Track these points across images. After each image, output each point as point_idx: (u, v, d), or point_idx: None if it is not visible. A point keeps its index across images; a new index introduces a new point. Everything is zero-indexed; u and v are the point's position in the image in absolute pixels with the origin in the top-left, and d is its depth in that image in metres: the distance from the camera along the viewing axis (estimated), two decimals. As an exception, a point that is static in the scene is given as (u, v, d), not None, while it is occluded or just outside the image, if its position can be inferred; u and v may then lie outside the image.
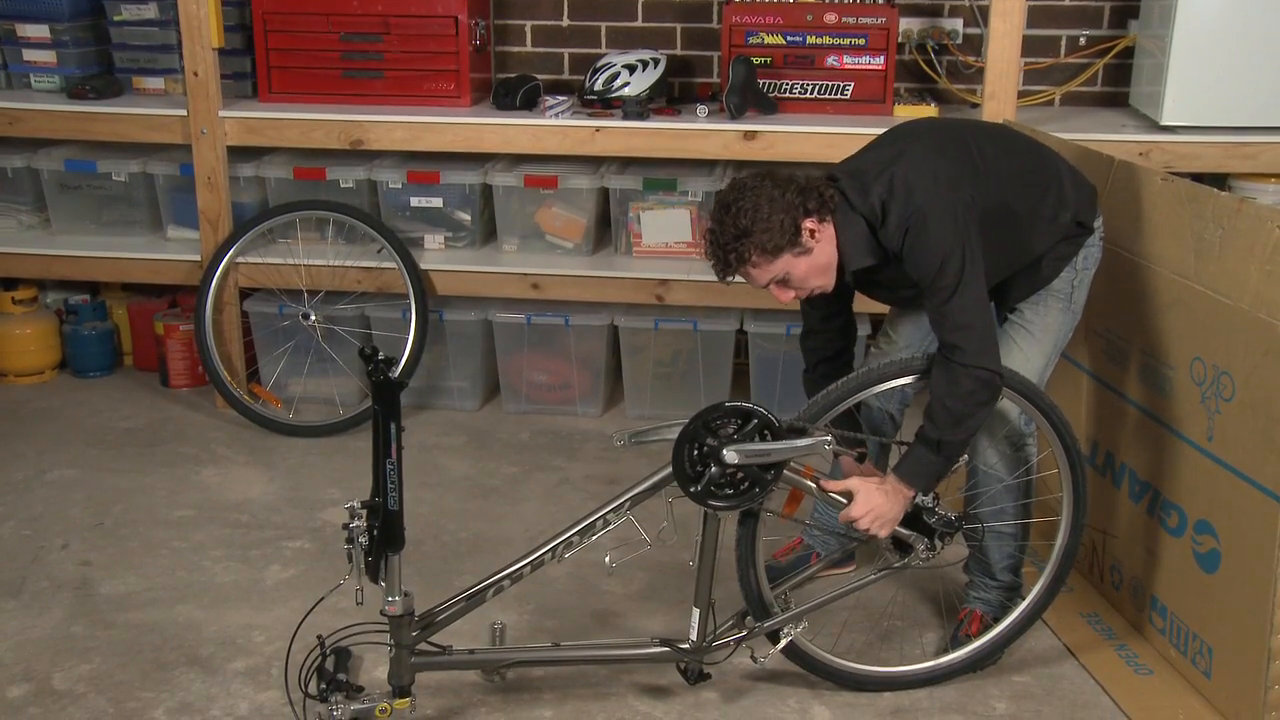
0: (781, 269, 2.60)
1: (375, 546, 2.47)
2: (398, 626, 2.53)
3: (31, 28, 4.44)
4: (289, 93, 4.28)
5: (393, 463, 2.43)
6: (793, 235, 2.55)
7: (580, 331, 4.27)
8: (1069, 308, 2.83)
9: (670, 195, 4.20)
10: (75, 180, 4.48)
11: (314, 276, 4.24)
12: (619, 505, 2.63)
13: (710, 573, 2.67)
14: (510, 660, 2.70)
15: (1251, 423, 2.59)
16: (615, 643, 2.84)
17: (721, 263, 2.60)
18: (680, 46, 4.55)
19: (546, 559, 2.62)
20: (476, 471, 3.93)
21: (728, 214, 2.57)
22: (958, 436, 2.59)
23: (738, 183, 2.61)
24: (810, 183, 2.60)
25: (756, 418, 2.56)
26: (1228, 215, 2.68)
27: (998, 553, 2.93)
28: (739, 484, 2.58)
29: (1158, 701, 2.78)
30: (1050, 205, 2.73)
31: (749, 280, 2.64)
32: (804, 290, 2.67)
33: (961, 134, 2.75)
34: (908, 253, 2.56)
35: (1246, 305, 2.60)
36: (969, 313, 2.54)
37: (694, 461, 2.56)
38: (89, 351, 4.65)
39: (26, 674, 2.85)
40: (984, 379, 2.54)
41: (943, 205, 2.53)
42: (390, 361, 2.41)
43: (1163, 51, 3.83)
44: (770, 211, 2.53)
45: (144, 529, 3.53)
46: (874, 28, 4.10)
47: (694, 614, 2.68)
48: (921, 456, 2.62)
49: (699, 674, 2.73)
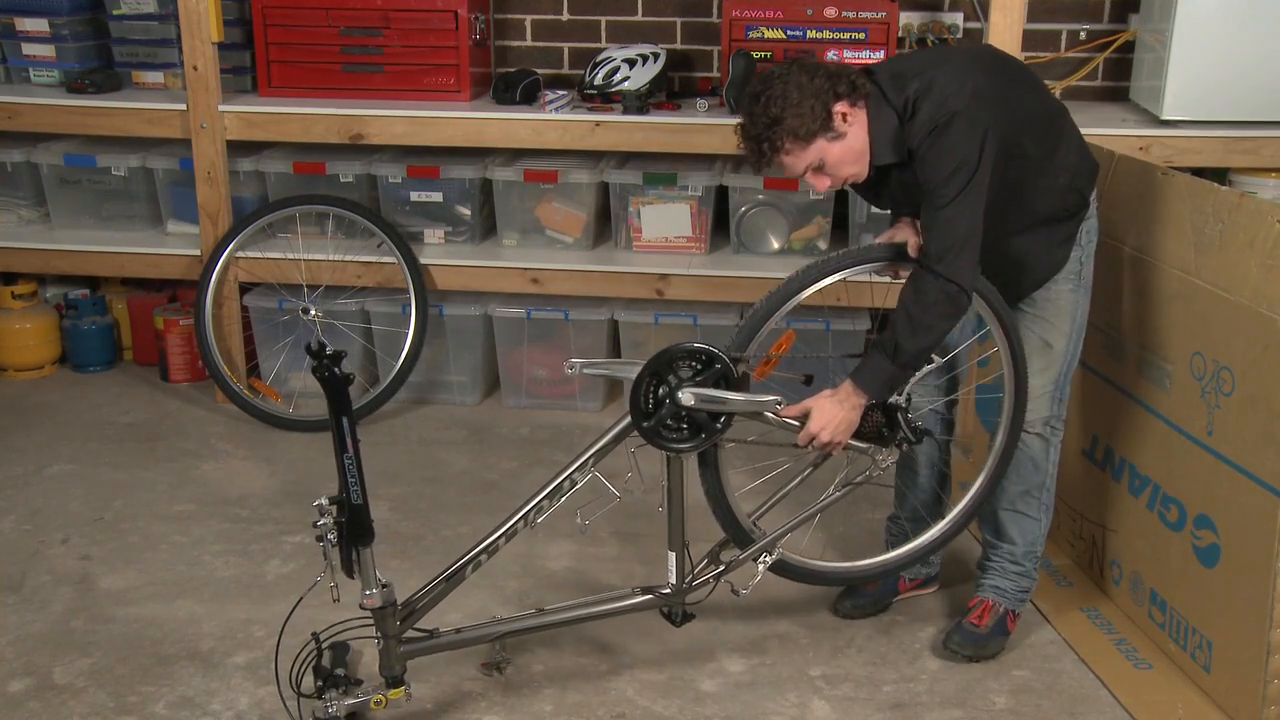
0: (816, 155, 2.59)
1: (344, 541, 2.47)
2: (380, 618, 2.53)
3: (31, 22, 4.43)
4: (289, 87, 4.27)
5: (350, 457, 2.42)
6: (825, 119, 2.55)
7: (580, 326, 4.27)
8: (1080, 285, 2.82)
9: (670, 190, 4.19)
10: (75, 175, 4.49)
11: (314, 271, 4.24)
12: (583, 463, 2.64)
13: (681, 514, 2.70)
14: (497, 632, 2.70)
15: (1251, 417, 2.59)
16: (598, 598, 2.81)
17: (756, 153, 2.60)
18: (680, 41, 4.55)
19: (520, 527, 2.63)
20: (476, 466, 3.93)
21: (758, 103, 2.55)
22: (914, 345, 2.59)
23: (766, 73, 2.59)
24: (840, 69, 2.60)
25: (719, 364, 2.59)
26: (1228, 210, 2.68)
27: (1023, 536, 2.94)
28: (689, 426, 2.61)
29: (1157, 696, 2.78)
30: (1058, 162, 2.71)
31: (785, 170, 2.63)
32: (838, 178, 2.65)
33: (1003, 62, 2.75)
34: (925, 151, 2.55)
35: (1246, 300, 2.60)
36: (958, 224, 2.54)
37: (650, 399, 2.59)
38: (89, 346, 4.66)
39: (27, 668, 2.85)
40: (950, 292, 2.55)
41: (972, 116, 2.52)
42: (338, 357, 2.40)
43: (1163, 46, 3.83)
44: (800, 97, 2.52)
45: (144, 524, 3.53)
46: (874, 22, 4.10)
47: (670, 557, 2.72)
48: (877, 363, 2.63)
49: (684, 615, 2.76)
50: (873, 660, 2.92)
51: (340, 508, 2.45)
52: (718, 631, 3.02)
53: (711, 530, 2.84)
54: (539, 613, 2.77)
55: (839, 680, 2.84)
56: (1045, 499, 2.94)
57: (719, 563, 2.80)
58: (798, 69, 2.57)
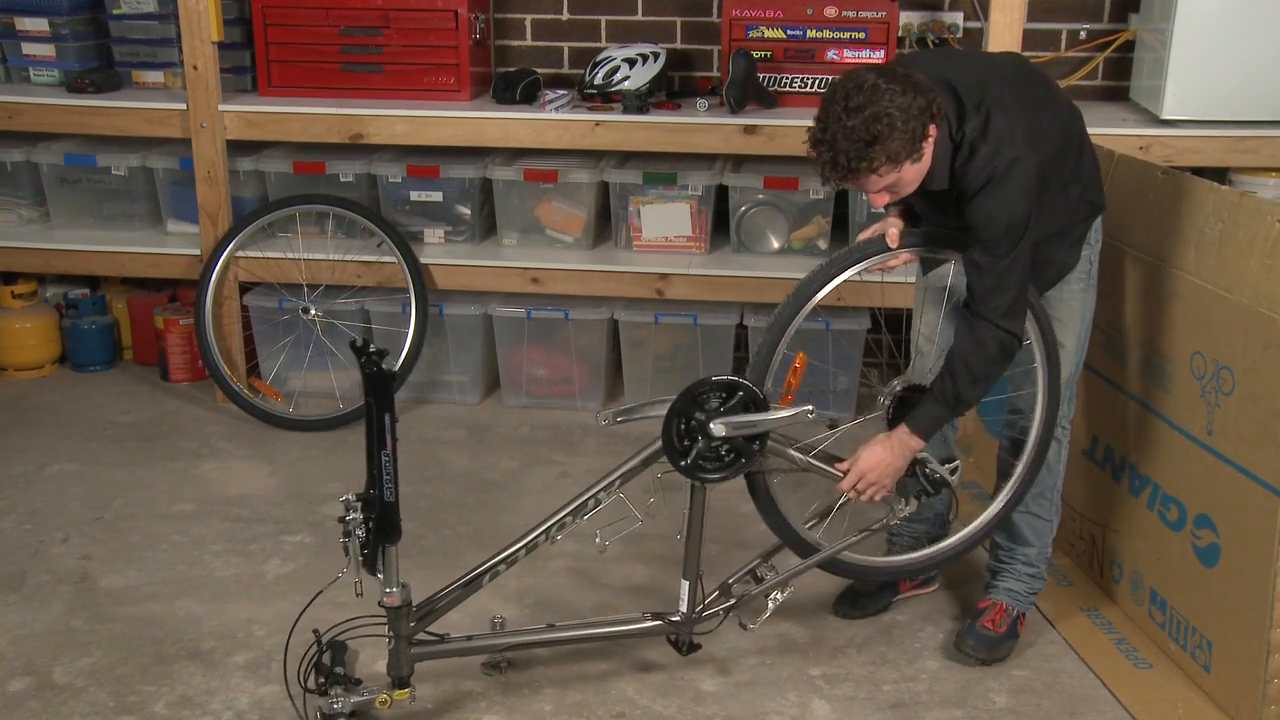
0: (896, 177, 2.46)
1: (372, 538, 2.47)
2: (396, 617, 2.54)
3: (30, 21, 4.43)
4: (288, 86, 4.27)
5: (388, 454, 2.43)
6: (919, 144, 2.43)
7: (580, 325, 4.27)
8: (1089, 285, 2.81)
9: (670, 189, 4.19)
10: (75, 174, 4.48)
11: (314, 271, 4.23)
12: (609, 483, 2.65)
13: (698, 544, 2.71)
14: (507, 644, 2.71)
15: (1251, 417, 2.59)
16: (608, 620, 2.84)
17: (843, 170, 2.42)
18: (680, 40, 4.54)
19: (540, 541, 2.64)
20: (476, 465, 3.93)
21: (857, 117, 2.36)
22: (974, 394, 2.61)
23: (860, 79, 2.40)
24: (921, 84, 2.43)
25: (742, 390, 2.60)
26: (1228, 209, 2.68)
27: (1038, 538, 2.94)
28: (726, 455, 2.62)
29: (1157, 695, 2.79)
30: (1068, 172, 2.67)
31: (858, 187, 2.50)
32: (898, 194, 2.55)
33: (1033, 82, 2.66)
34: (979, 200, 2.49)
35: (1246, 299, 2.60)
36: (1013, 275, 2.52)
37: (682, 436, 2.60)
38: (89, 346, 4.65)
39: (27, 668, 2.85)
40: (1006, 343, 2.56)
41: (1025, 167, 2.47)
42: (383, 353, 2.41)
43: (1163, 45, 3.83)
44: (905, 119, 2.37)
45: (144, 523, 3.53)
46: (874, 21, 4.10)
47: (683, 586, 2.72)
48: (933, 410, 2.64)
49: (690, 645, 2.77)
50: (873, 660, 2.92)
51: (368, 505, 2.46)
52: (718, 631, 3.01)
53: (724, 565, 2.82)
54: (550, 628, 2.79)
55: (839, 680, 2.84)
56: (1056, 500, 2.94)
57: (730, 596, 2.80)
58: (900, 85, 2.39)
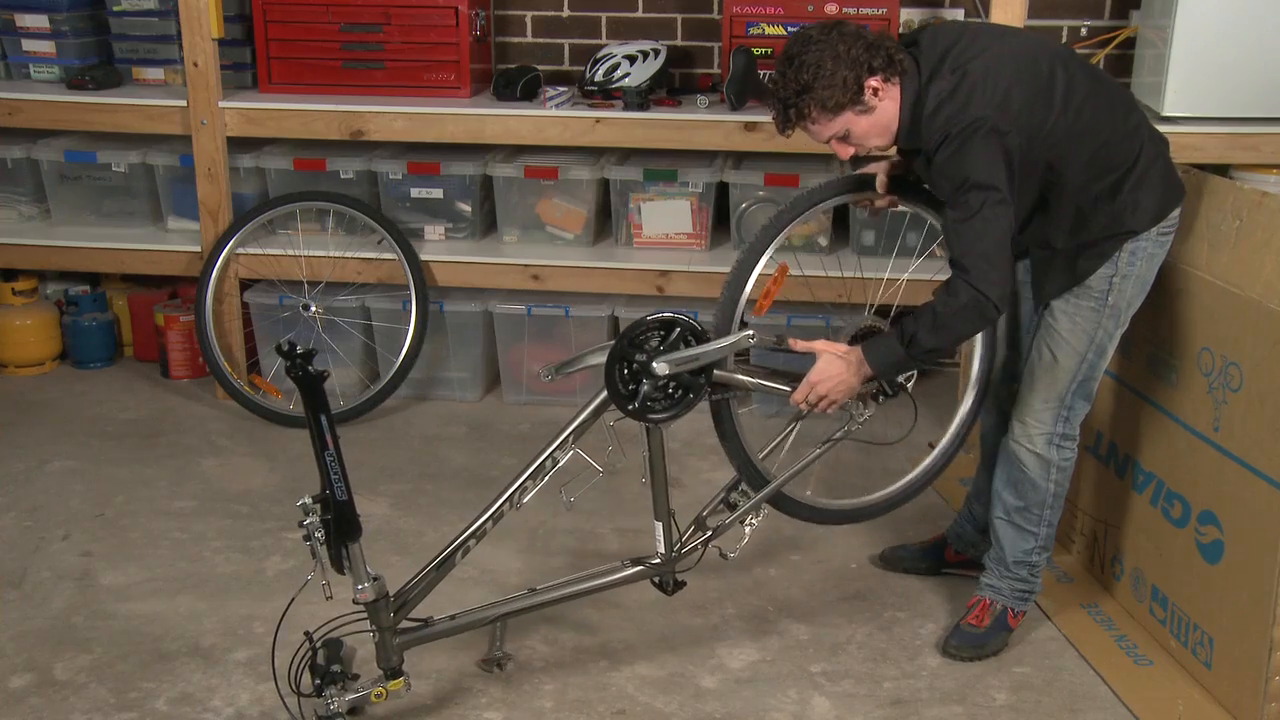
0: (841, 126, 2.56)
1: (332, 538, 2.46)
2: (374, 611, 2.53)
3: (31, 18, 4.43)
4: (289, 83, 4.27)
5: (331, 453, 2.42)
6: (855, 93, 2.50)
7: (581, 322, 4.27)
8: (1104, 308, 2.69)
9: (671, 186, 4.19)
10: (75, 171, 4.48)
11: (314, 267, 4.23)
12: (563, 441, 2.65)
13: (664, 485, 2.72)
14: (492, 615, 2.69)
15: (1259, 413, 2.58)
16: (590, 574, 2.81)
17: (782, 117, 2.57)
18: (681, 37, 4.54)
19: (506, 510, 2.65)
20: (477, 462, 3.93)
21: (790, 67, 2.50)
22: (930, 342, 2.53)
23: (804, 34, 2.53)
24: (880, 40, 2.53)
25: (679, 325, 2.59)
26: (1248, 207, 2.68)
27: (1012, 547, 2.90)
28: (675, 393, 2.62)
29: (1157, 692, 2.78)
30: (1105, 191, 2.61)
31: (810, 135, 2.61)
32: (863, 148, 2.61)
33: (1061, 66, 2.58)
34: (937, 156, 2.50)
35: (1257, 295, 2.59)
36: (984, 241, 2.48)
37: (626, 380, 2.59)
38: (89, 342, 4.65)
39: (28, 664, 2.85)
40: (979, 302, 2.49)
41: (988, 132, 2.45)
42: (310, 355, 2.38)
43: (1164, 42, 3.82)
44: (835, 68, 2.47)
45: (145, 520, 3.53)
46: (875, 18, 4.09)
47: (657, 527, 2.74)
48: (891, 344, 2.58)
49: (675, 583, 2.78)
50: (873, 656, 2.92)
51: (324, 505, 2.45)
52: (718, 628, 3.02)
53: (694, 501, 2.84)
54: (531, 592, 2.76)
55: (839, 676, 2.84)
56: (1047, 516, 2.87)
57: (705, 529, 2.81)
58: (837, 35, 2.50)
